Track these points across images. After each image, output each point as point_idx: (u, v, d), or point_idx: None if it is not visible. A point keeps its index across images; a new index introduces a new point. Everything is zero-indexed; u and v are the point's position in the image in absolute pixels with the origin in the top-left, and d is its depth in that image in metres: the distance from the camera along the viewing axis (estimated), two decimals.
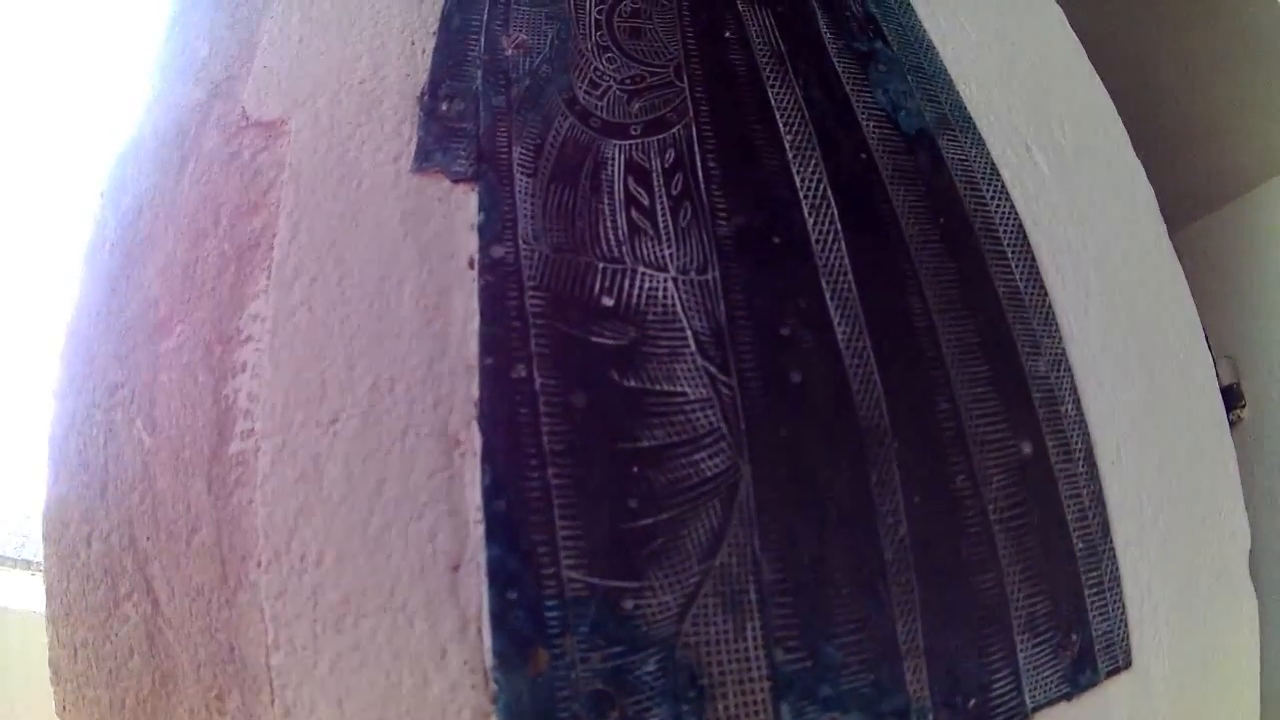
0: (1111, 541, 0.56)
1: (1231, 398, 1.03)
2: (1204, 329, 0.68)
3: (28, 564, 1.03)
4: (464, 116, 0.53)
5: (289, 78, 0.55)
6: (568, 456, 0.46)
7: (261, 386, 0.47)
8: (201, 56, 0.57)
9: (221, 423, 0.48)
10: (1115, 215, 0.65)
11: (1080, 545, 0.55)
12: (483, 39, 0.56)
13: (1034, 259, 0.59)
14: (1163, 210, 0.69)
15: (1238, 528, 0.65)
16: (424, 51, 0.55)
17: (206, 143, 0.54)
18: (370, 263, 0.49)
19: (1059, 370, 0.57)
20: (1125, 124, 0.71)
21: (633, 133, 0.54)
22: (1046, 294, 0.58)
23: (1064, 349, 0.58)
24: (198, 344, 0.50)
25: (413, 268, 0.49)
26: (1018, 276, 0.58)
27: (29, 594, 0.98)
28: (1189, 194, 1.08)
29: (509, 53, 0.55)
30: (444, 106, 0.53)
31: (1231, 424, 0.68)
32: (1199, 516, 0.62)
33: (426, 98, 0.54)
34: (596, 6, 0.58)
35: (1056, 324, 0.58)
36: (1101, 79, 0.72)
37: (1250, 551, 0.64)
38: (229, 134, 0.54)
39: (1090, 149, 0.67)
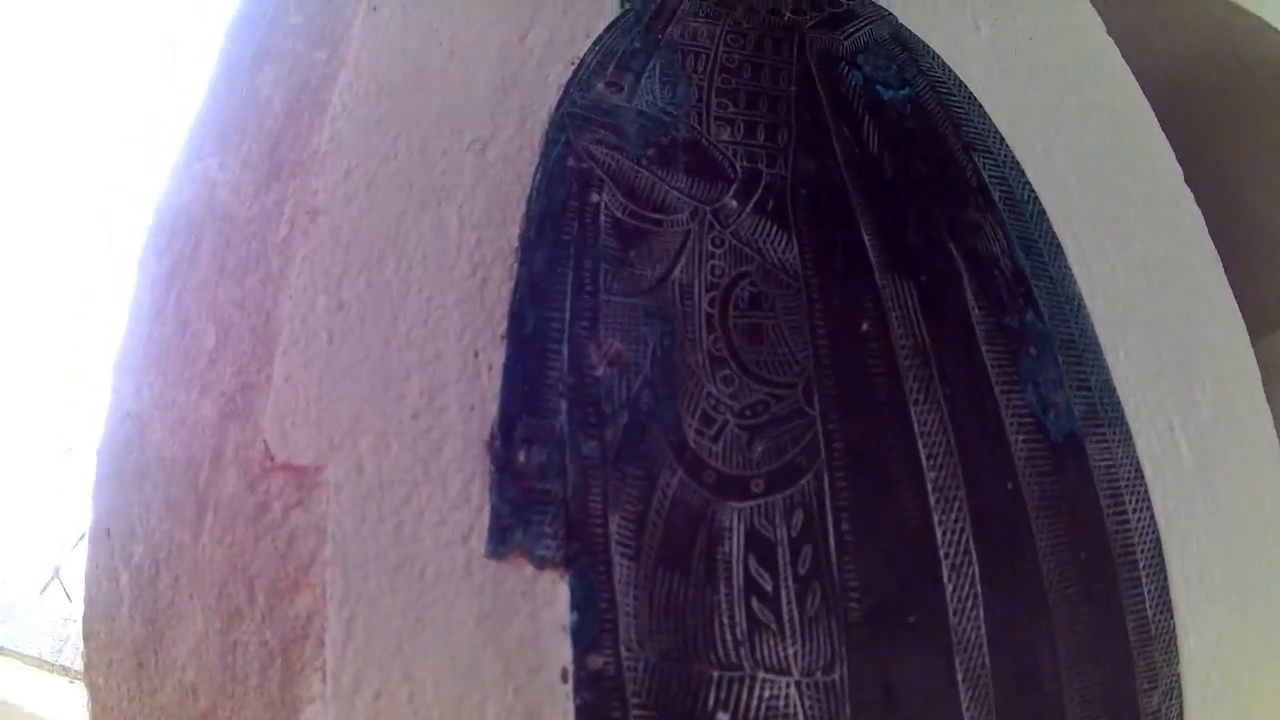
0: None
1: None
2: None
3: (65, 669, 0.97)
4: (547, 473, 0.43)
5: (320, 401, 0.43)
6: None
7: None
8: (207, 348, 0.44)
9: None
10: (1247, 497, 0.59)
11: None
12: (565, 350, 0.44)
13: (1166, 580, 0.54)
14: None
15: None
16: (490, 368, 0.44)
17: (225, 486, 0.43)
18: (445, 677, 0.41)
19: (1170, 699, 0.54)
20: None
21: (754, 490, 0.44)
22: (1172, 618, 0.54)
23: (1179, 674, 0.54)
24: None
25: (496, 685, 0.41)
26: (1148, 606, 0.53)
27: (66, 702, 0.94)
28: (1266, 305, 1.02)
29: (600, 372, 0.44)
30: (521, 457, 0.43)
31: None
32: None
33: (498, 444, 0.43)
34: (707, 294, 0.46)
35: (1176, 649, 0.54)
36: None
37: None
38: (252, 478, 0.42)
39: (1227, 407, 0.60)
